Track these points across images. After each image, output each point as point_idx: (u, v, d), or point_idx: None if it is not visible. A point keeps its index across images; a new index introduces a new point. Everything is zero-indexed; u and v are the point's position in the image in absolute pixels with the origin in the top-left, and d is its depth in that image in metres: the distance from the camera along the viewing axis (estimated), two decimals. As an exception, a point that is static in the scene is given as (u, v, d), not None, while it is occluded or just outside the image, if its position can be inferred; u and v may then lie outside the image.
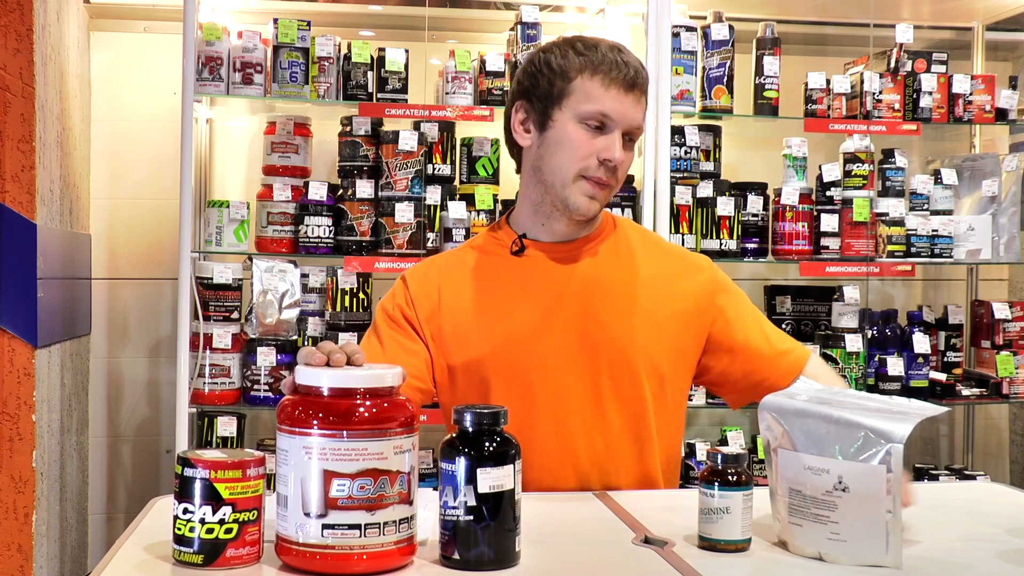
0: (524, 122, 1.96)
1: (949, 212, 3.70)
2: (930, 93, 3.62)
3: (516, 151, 2.02)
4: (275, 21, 3.33)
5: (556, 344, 1.92)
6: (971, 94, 3.65)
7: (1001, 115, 3.69)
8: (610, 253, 2.00)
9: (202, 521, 1.33)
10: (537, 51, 1.97)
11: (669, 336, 1.97)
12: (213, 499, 1.34)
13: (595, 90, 1.87)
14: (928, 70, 3.66)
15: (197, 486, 1.34)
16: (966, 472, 3.84)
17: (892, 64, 3.67)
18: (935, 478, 3.73)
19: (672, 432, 2.02)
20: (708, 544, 1.48)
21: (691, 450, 3.49)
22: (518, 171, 2.04)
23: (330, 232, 3.36)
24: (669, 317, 1.97)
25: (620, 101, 1.87)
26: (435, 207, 3.35)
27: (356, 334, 3.32)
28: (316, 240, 3.35)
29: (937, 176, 3.70)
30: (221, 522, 1.34)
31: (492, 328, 1.94)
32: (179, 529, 1.35)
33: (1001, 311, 3.78)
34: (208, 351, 3.30)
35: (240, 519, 1.35)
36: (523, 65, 1.99)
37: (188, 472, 1.34)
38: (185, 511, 1.34)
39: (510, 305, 1.95)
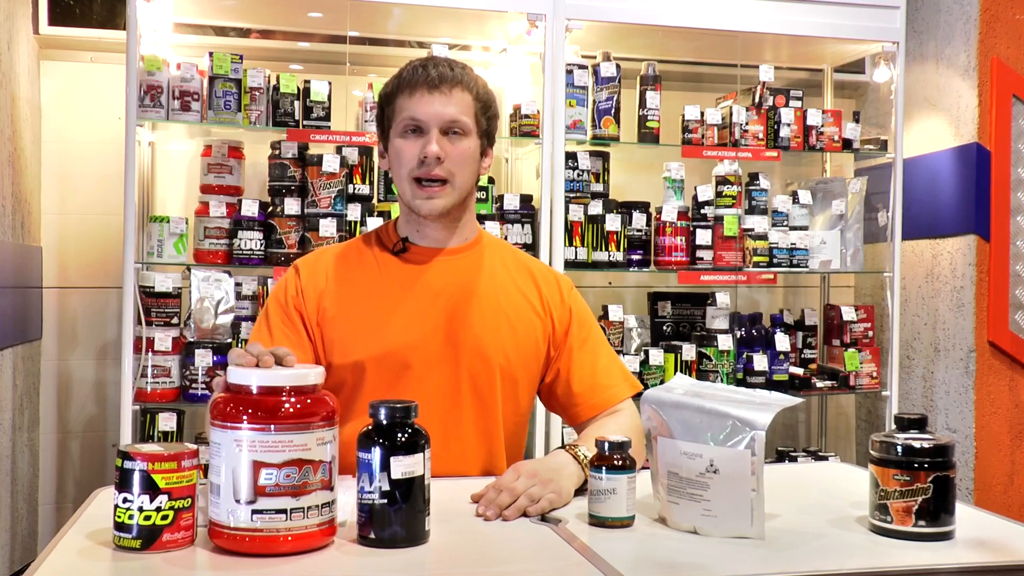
0: (381, 153, 1.97)
1: (805, 228, 3.77)
2: (788, 125, 3.69)
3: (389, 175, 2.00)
4: (211, 54, 3.26)
5: (425, 338, 1.88)
6: (822, 126, 3.73)
7: (847, 144, 3.77)
8: (479, 263, 1.96)
9: (140, 509, 1.30)
10: None
11: (526, 344, 1.94)
12: (150, 489, 1.30)
13: (404, 102, 1.87)
14: (787, 105, 3.73)
15: (136, 477, 1.30)
16: (820, 454, 3.92)
17: (756, 99, 3.74)
18: (794, 459, 3.80)
19: (518, 430, 1.98)
20: (597, 521, 1.49)
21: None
22: None
23: (261, 245, 3.30)
24: (527, 328, 1.94)
25: (425, 102, 1.85)
26: (355, 223, 3.32)
27: (285, 337, 3.27)
28: (248, 252, 3.29)
29: (795, 197, 3.77)
30: (158, 509, 1.30)
31: (370, 316, 1.89)
32: (119, 517, 1.31)
33: (848, 313, 3.87)
34: (150, 353, 3.22)
35: (175, 506, 1.31)
36: None
37: (128, 464, 1.31)
38: (125, 500, 1.31)
39: (388, 298, 1.90)
